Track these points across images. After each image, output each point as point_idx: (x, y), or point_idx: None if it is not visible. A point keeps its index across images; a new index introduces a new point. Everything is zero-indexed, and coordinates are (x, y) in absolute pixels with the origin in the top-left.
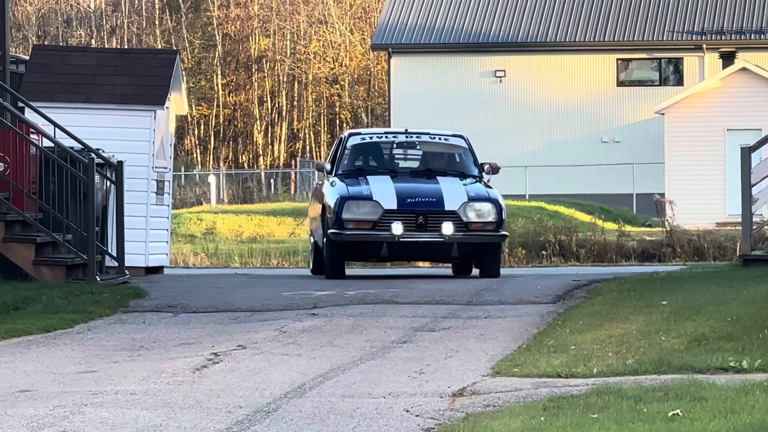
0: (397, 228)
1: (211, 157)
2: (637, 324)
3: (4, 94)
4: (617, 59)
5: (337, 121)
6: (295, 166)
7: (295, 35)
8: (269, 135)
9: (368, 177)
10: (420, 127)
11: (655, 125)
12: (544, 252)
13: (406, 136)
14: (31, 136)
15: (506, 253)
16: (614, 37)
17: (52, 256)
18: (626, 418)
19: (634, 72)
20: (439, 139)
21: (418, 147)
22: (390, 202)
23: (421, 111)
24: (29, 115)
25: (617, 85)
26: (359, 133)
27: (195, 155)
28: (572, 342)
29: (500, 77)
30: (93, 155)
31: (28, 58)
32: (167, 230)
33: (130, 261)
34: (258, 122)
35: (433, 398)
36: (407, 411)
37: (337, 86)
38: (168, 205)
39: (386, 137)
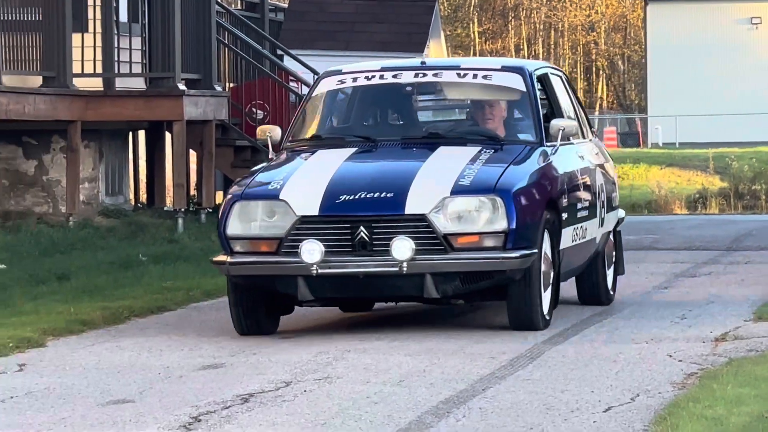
0: (310, 251)
1: None
2: None
3: (263, 42)
4: None
5: (594, 69)
6: None
7: None
8: None
9: (318, 152)
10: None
11: None
12: None
13: (416, 74)
14: (290, 83)
15: (764, 199)
16: None
17: None
18: None
19: None
20: (474, 77)
21: (439, 91)
22: (308, 203)
23: (678, 58)
24: (288, 63)
25: None
26: (338, 72)
27: None
28: None
29: (756, 24)
30: None
31: (286, 6)
32: None
33: None
34: None
35: (695, 343)
36: (670, 356)
37: (594, 33)
38: None
39: (381, 77)
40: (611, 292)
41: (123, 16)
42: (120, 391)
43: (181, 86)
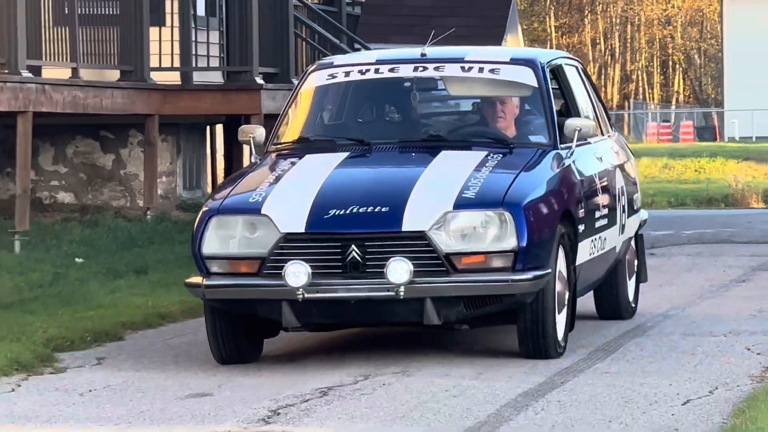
0: (295, 273)
1: None
2: None
3: (341, 36)
4: None
5: (670, 63)
6: (628, 108)
7: None
8: (602, 77)
9: (306, 157)
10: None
11: None
12: None
13: (416, 68)
14: None
15: None
16: None
17: None
18: None
19: None
20: (480, 71)
21: (439, 87)
22: (293, 219)
23: (755, 51)
24: None
25: None
26: (328, 65)
27: None
28: None
29: None
30: None
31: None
32: None
33: None
34: (591, 64)
35: None
36: (748, 349)
37: (670, 27)
38: None
39: (377, 71)
40: (633, 305)
41: (200, 10)
42: (198, 384)
43: (259, 80)
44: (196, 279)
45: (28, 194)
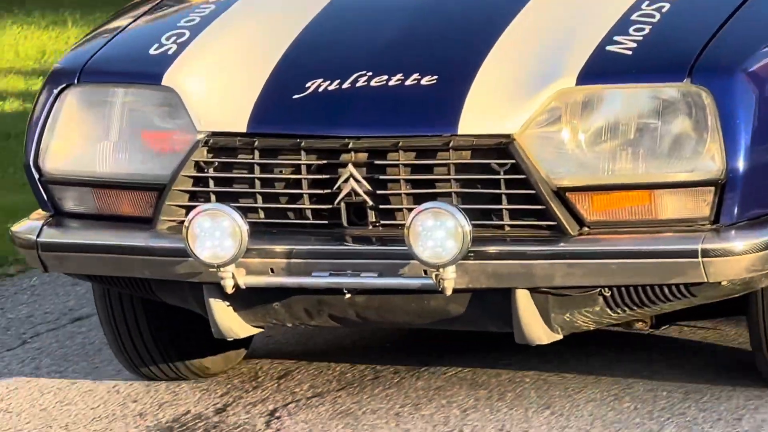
0: (209, 233)
1: None
2: None
3: None
4: None
5: None
6: None
7: None
8: None
9: None
10: None
11: None
12: None
13: None
14: None
15: None
16: None
17: None
18: None
19: None
20: None
21: None
22: (231, 102)
23: None
24: None
25: None
26: None
27: None
28: None
29: None
30: None
31: None
32: None
33: None
34: None
35: None
36: None
37: None
38: None
39: None
40: None
41: None
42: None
43: None
44: (29, 224)
45: None
